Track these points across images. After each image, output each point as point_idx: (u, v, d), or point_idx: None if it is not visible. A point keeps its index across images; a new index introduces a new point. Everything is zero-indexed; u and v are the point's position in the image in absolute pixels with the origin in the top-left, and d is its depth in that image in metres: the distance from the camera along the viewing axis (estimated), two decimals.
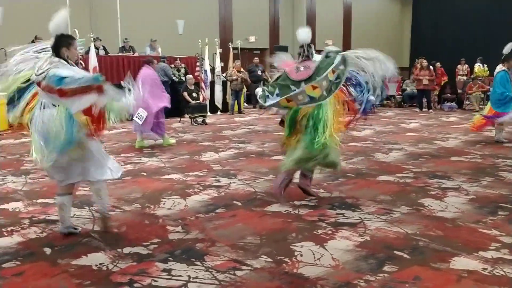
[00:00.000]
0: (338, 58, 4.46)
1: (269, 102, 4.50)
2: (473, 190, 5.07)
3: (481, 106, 14.19)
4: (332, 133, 4.41)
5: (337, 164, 4.71)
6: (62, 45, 3.55)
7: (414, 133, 9.52)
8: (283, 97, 4.44)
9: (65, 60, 3.54)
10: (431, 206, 4.50)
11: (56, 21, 3.57)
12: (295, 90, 4.40)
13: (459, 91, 15.23)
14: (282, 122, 4.85)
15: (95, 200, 3.88)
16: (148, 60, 8.61)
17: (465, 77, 15.96)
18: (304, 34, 4.63)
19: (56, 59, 3.52)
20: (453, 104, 14.91)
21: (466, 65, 16.30)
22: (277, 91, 4.46)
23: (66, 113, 3.44)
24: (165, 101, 8.10)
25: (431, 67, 14.69)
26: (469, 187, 5.19)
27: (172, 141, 8.33)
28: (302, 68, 4.48)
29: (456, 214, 4.27)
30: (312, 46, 4.69)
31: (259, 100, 4.64)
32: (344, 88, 4.64)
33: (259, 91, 4.66)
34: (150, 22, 14.77)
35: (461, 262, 3.20)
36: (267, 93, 4.52)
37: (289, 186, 4.80)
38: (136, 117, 7.58)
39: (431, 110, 14.12)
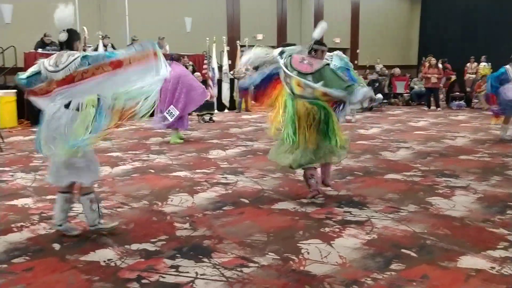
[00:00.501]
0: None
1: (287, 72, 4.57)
2: (481, 189, 5.04)
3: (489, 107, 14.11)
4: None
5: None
6: (75, 38, 3.64)
7: (422, 132, 9.48)
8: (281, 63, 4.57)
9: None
10: (439, 204, 4.49)
11: (64, 16, 3.61)
12: (289, 72, 4.51)
13: (468, 89, 15.12)
14: None
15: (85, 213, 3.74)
16: (175, 56, 8.64)
17: (474, 75, 15.83)
18: (317, 30, 4.74)
19: (76, 52, 3.50)
20: (462, 102, 14.79)
21: (476, 63, 16.17)
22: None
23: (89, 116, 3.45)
24: (201, 96, 8.22)
25: (439, 65, 14.60)
26: (478, 186, 5.16)
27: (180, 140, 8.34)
28: (305, 62, 4.57)
29: (464, 213, 4.25)
30: (320, 42, 4.68)
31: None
32: None
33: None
34: (158, 19, 14.79)
35: (469, 261, 3.19)
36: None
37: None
38: (167, 113, 7.72)
39: (439, 109, 14.03)
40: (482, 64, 15.77)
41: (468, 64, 16.42)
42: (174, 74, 7.71)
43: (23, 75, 3.73)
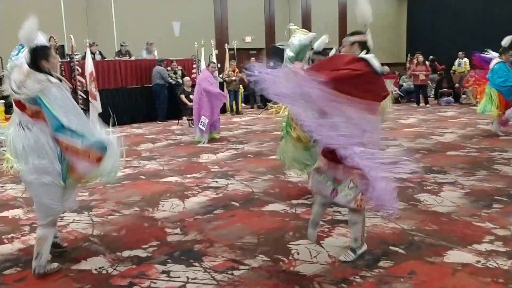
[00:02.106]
0: None
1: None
2: (469, 184, 5.11)
3: (477, 100, 14.22)
4: None
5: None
6: (40, 58, 3.10)
7: (411, 129, 9.56)
8: None
9: (49, 73, 3.11)
10: (427, 201, 4.55)
11: (27, 31, 3.07)
12: None
13: (456, 85, 15.25)
14: None
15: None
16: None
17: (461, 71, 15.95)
18: (318, 42, 4.73)
19: (43, 76, 3.04)
20: (450, 98, 14.92)
21: (465, 59, 16.21)
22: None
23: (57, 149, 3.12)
24: (219, 99, 8.89)
25: (427, 62, 14.72)
26: (465, 181, 5.23)
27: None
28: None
29: (452, 208, 4.32)
30: (318, 52, 4.70)
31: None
32: None
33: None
34: (146, 25, 14.80)
35: (456, 256, 3.25)
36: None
37: None
38: (200, 124, 8.48)
39: (428, 105, 14.15)
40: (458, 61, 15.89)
41: (456, 61, 16.50)
42: (201, 80, 8.75)
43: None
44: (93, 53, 11.48)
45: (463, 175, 5.49)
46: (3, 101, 10.50)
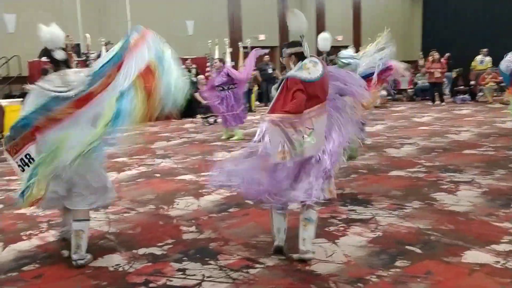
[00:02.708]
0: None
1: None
2: (485, 183, 5.05)
3: (494, 98, 14.05)
4: None
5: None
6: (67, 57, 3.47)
7: (426, 127, 9.47)
8: None
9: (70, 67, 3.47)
10: (443, 200, 4.50)
11: (53, 37, 3.44)
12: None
13: (472, 82, 15.05)
14: None
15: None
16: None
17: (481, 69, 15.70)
18: (323, 41, 4.71)
19: (82, 69, 3.51)
20: (466, 96, 14.74)
21: (489, 57, 15.85)
22: None
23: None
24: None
25: (442, 60, 14.55)
26: (482, 180, 5.17)
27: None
28: None
29: (469, 207, 4.27)
30: (330, 53, 4.72)
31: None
32: None
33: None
34: (159, 23, 14.85)
35: (473, 256, 3.21)
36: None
37: None
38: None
39: (443, 103, 14.00)
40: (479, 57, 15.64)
41: (478, 57, 16.22)
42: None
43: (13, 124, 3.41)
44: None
45: (479, 174, 5.42)
46: (21, 99, 10.68)
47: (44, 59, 10.96)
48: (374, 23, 20.62)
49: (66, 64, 3.44)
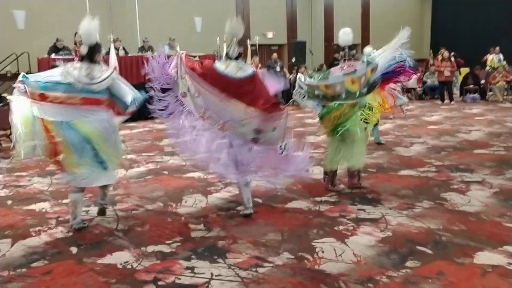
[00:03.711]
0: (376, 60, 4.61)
1: (311, 82, 4.60)
2: (497, 183, 4.99)
3: (505, 97, 13.91)
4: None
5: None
6: (97, 51, 3.93)
7: (436, 126, 9.39)
8: (323, 82, 4.53)
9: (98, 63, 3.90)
10: (454, 200, 4.45)
11: (90, 31, 3.89)
12: (334, 78, 4.49)
13: (482, 81, 14.91)
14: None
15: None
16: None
17: (488, 67, 15.58)
18: (344, 36, 4.75)
19: (107, 69, 3.95)
20: (476, 95, 14.60)
21: (501, 55, 15.71)
22: (317, 78, 4.61)
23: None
24: None
25: (452, 59, 14.42)
26: (493, 180, 5.11)
27: None
28: (345, 67, 4.56)
29: (480, 207, 4.21)
30: (353, 47, 4.74)
31: (302, 79, 4.70)
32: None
33: (300, 76, 4.78)
34: (168, 20, 14.90)
35: (485, 257, 3.17)
36: (308, 77, 4.67)
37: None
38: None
39: (453, 102, 13.88)
40: (491, 57, 15.50)
41: (489, 56, 16.09)
42: None
43: (37, 77, 3.88)
44: (116, 49, 11.60)
45: (491, 174, 5.36)
46: None
47: (53, 55, 11.02)
48: (383, 22, 20.53)
49: (90, 59, 3.87)
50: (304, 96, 4.68)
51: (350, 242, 3.51)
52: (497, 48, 15.46)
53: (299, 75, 4.90)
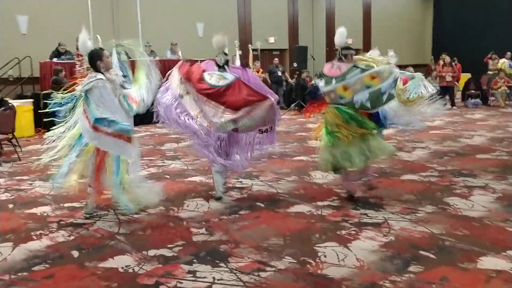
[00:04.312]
0: (383, 67, 4.51)
1: (325, 88, 4.51)
2: (500, 188, 4.97)
3: (507, 102, 13.89)
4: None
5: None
6: (95, 59, 4.15)
7: (438, 131, 9.37)
8: (328, 90, 4.48)
9: (101, 72, 4.11)
10: (457, 205, 4.43)
11: (80, 43, 4.38)
12: (329, 86, 4.46)
13: (484, 87, 14.89)
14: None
15: None
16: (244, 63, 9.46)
17: (490, 72, 15.58)
18: (340, 37, 4.72)
19: (94, 74, 4.11)
20: (478, 100, 14.58)
21: (497, 60, 15.73)
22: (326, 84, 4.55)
23: None
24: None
25: (453, 64, 14.42)
26: (496, 185, 5.09)
27: None
28: (335, 67, 4.55)
29: (483, 212, 4.20)
30: (348, 48, 4.67)
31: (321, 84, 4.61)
32: None
33: (318, 82, 4.69)
34: (170, 25, 14.92)
35: (490, 262, 3.14)
36: (320, 81, 4.61)
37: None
38: None
39: (455, 107, 13.87)
40: (502, 60, 15.49)
41: (489, 61, 16.11)
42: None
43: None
44: (119, 54, 11.59)
45: (494, 179, 5.34)
46: (32, 100, 10.74)
47: (55, 60, 11.03)
48: (385, 27, 20.59)
49: (92, 67, 4.23)
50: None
51: (353, 247, 3.49)
52: (509, 53, 15.47)
53: (316, 81, 4.81)
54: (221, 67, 4.91)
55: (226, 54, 5.02)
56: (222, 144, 4.83)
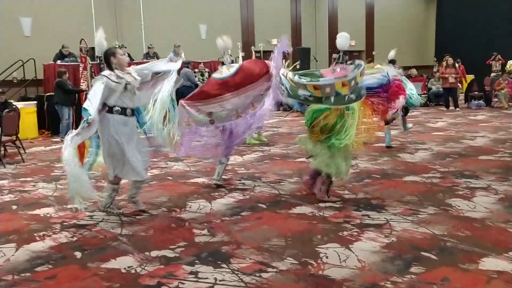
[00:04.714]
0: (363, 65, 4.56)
1: (300, 80, 4.52)
2: (502, 189, 4.96)
3: (510, 104, 13.86)
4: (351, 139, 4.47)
5: (340, 171, 4.67)
6: (109, 55, 4.28)
7: (441, 132, 9.36)
8: (312, 83, 4.46)
9: (113, 69, 4.25)
10: (459, 206, 4.43)
11: (96, 42, 4.58)
12: (324, 81, 4.43)
13: (487, 88, 14.87)
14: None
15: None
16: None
17: (493, 74, 15.57)
18: (343, 40, 4.74)
19: (104, 71, 4.30)
20: (481, 102, 14.55)
21: (501, 61, 15.71)
22: (307, 78, 4.53)
23: None
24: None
25: (456, 65, 14.40)
26: (499, 186, 5.08)
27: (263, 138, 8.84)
28: (338, 69, 4.55)
29: (485, 214, 4.19)
30: (347, 53, 4.74)
31: (290, 76, 4.62)
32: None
33: (287, 72, 4.71)
34: (173, 27, 14.97)
35: (491, 263, 3.14)
36: (297, 76, 4.58)
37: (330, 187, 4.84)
38: None
39: (458, 109, 13.84)
40: (510, 62, 15.46)
41: (493, 62, 16.08)
42: None
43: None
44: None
45: (496, 180, 5.33)
46: (35, 102, 10.79)
47: (58, 62, 11.07)
48: (387, 28, 20.58)
49: (106, 64, 4.33)
50: (283, 93, 4.65)
51: (354, 248, 3.50)
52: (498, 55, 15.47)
53: (284, 70, 4.80)
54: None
55: (231, 55, 5.72)
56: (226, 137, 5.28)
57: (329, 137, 4.52)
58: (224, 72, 5.15)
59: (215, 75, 5.28)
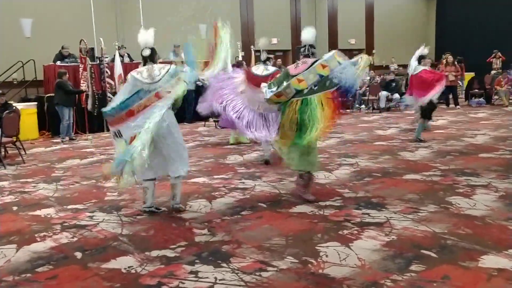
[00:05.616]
0: (330, 54, 4.57)
1: (266, 96, 4.63)
2: (503, 187, 4.96)
3: (510, 101, 13.84)
4: (318, 131, 4.38)
5: (314, 164, 4.74)
6: (155, 54, 4.55)
7: (441, 130, 9.36)
8: (275, 92, 4.51)
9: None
10: (460, 204, 4.43)
11: (147, 37, 4.67)
12: (284, 84, 4.49)
13: (487, 86, 14.84)
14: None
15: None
16: (239, 63, 9.31)
17: (494, 72, 15.54)
18: (307, 34, 4.87)
19: (166, 65, 4.47)
20: (481, 99, 14.53)
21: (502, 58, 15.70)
22: (274, 87, 4.58)
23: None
24: None
25: (456, 63, 14.39)
26: (499, 184, 5.08)
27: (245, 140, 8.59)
28: (300, 64, 4.60)
29: (486, 211, 4.19)
30: (314, 46, 4.81)
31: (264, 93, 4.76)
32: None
33: (264, 86, 4.76)
34: (172, 28, 14.97)
35: (491, 261, 3.14)
36: (267, 89, 4.65)
37: (310, 184, 4.82)
38: None
39: (458, 106, 13.83)
40: None
41: (493, 60, 16.06)
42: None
43: (114, 103, 4.30)
44: (121, 56, 11.65)
45: (496, 178, 5.33)
46: (36, 103, 10.80)
47: (58, 63, 11.09)
48: (387, 26, 20.55)
49: (151, 59, 4.46)
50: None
51: (355, 246, 3.49)
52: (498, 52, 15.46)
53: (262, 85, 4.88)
54: (263, 62, 6.34)
55: (267, 52, 6.46)
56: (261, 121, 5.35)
57: (299, 135, 4.44)
58: (260, 70, 6.06)
59: (253, 69, 6.28)
